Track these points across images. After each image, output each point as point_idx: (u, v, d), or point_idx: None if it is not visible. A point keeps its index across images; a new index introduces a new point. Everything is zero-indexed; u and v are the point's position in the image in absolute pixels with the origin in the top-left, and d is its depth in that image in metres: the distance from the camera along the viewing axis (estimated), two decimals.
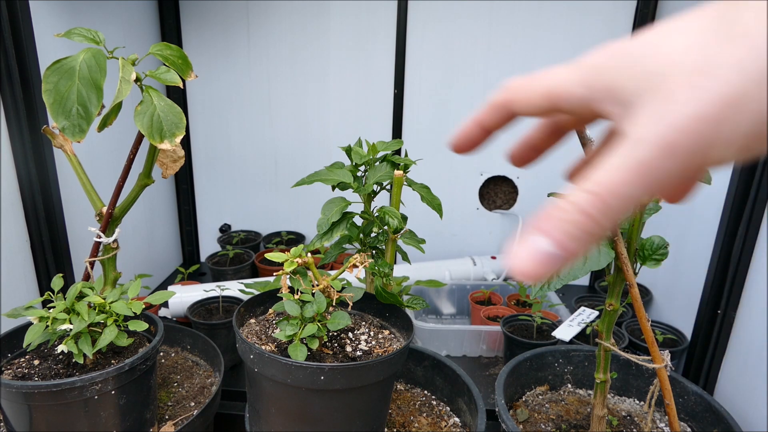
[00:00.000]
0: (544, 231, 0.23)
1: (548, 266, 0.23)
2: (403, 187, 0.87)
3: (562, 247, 0.23)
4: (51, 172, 1.05)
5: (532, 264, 0.23)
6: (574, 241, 0.22)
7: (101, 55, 0.72)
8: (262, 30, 1.60)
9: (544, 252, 0.23)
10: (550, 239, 0.23)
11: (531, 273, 0.23)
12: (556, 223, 0.23)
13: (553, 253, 0.23)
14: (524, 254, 0.23)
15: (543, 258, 0.23)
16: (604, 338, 0.80)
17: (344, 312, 0.76)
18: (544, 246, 0.23)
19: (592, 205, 0.22)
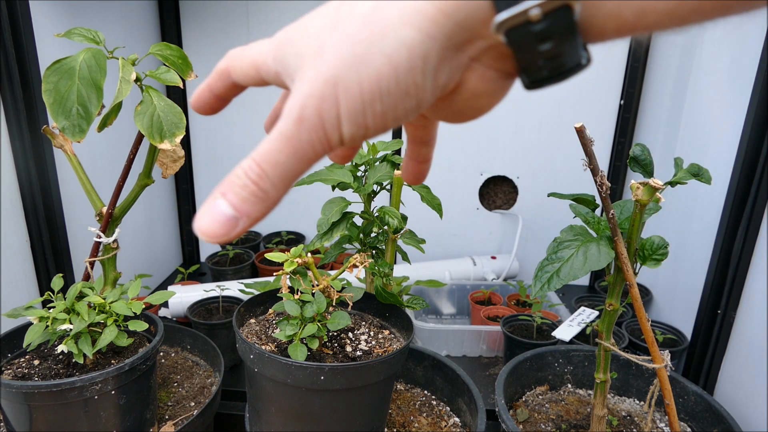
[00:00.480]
0: (222, 193, 0.25)
1: (227, 227, 0.25)
2: (403, 187, 0.87)
3: (237, 208, 0.25)
4: (51, 172, 1.05)
5: (213, 224, 0.25)
6: (246, 204, 0.25)
7: (101, 55, 0.72)
8: (262, 30, 1.60)
9: (223, 213, 0.25)
10: (227, 201, 0.25)
11: (211, 233, 0.25)
12: (231, 187, 0.25)
13: (231, 214, 0.25)
14: (207, 216, 0.25)
15: (222, 218, 0.25)
16: (604, 338, 0.80)
17: (344, 312, 0.76)
18: (223, 208, 0.25)
19: (253, 171, 0.25)
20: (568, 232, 0.73)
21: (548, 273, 0.70)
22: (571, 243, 0.71)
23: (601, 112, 1.58)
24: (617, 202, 0.71)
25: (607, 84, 1.56)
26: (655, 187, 0.67)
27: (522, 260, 1.74)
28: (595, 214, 0.77)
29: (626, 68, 1.52)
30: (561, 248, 0.71)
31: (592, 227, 0.75)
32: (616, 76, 1.54)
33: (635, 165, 0.72)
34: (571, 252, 0.70)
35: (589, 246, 0.70)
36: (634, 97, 1.52)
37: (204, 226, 0.25)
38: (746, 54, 1.10)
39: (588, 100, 1.58)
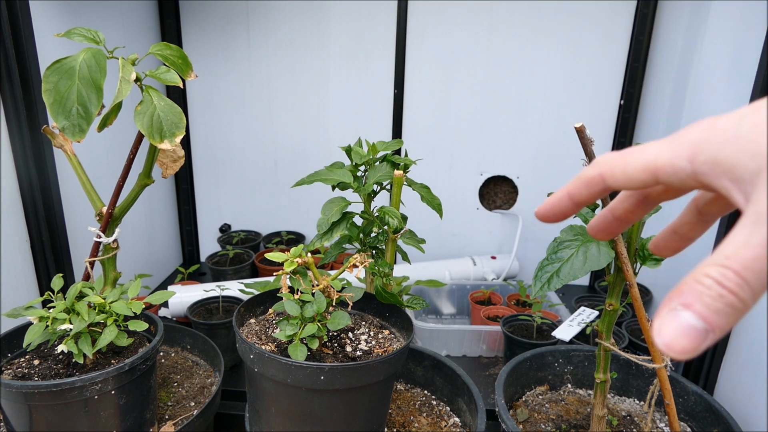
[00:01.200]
0: (688, 305, 0.23)
1: (697, 342, 0.23)
2: (403, 187, 0.87)
3: (707, 321, 0.22)
4: (51, 172, 1.05)
5: (682, 339, 0.23)
6: (719, 316, 0.22)
7: (101, 55, 0.72)
8: (262, 29, 1.60)
9: (691, 326, 0.23)
10: (695, 313, 0.23)
11: (681, 349, 0.23)
12: (698, 297, 0.23)
13: (700, 327, 0.23)
14: (672, 330, 0.23)
15: (691, 332, 0.23)
16: (604, 338, 0.80)
17: (344, 312, 0.76)
18: (690, 320, 0.23)
19: (730, 279, 0.22)
20: (568, 232, 0.73)
21: (548, 273, 0.70)
22: (571, 243, 0.71)
23: (601, 112, 1.58)
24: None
25: (607, 84, 1.56)
26: None
27: (522, 260, 1.74)
28: (595, 214, 0.77)
29: (626, 68, 1.52)
30: (561, 248, 0.71)
31: None
32: (616, 76, 1.54)
33: None
34: (571, 252, 0.70)
35: (589, 246, 0.70)
36: (634, 97, 1.52)
37: (671, 341, 0.23)
38: (746, 54, 1.10)
39: (588, 100, 1.58)
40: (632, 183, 0.29)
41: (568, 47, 1.54)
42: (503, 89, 1.59)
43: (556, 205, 0.33)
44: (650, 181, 0.28)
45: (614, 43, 1.52)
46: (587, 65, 1.55)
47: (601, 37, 1.52)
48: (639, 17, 1.46)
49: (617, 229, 0.36)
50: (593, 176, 0.31)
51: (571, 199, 0.33)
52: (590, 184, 0.31)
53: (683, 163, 0.26)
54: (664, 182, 0.28)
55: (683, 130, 0.27)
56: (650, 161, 0.28)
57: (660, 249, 0.37)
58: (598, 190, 0.31)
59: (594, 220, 0.37)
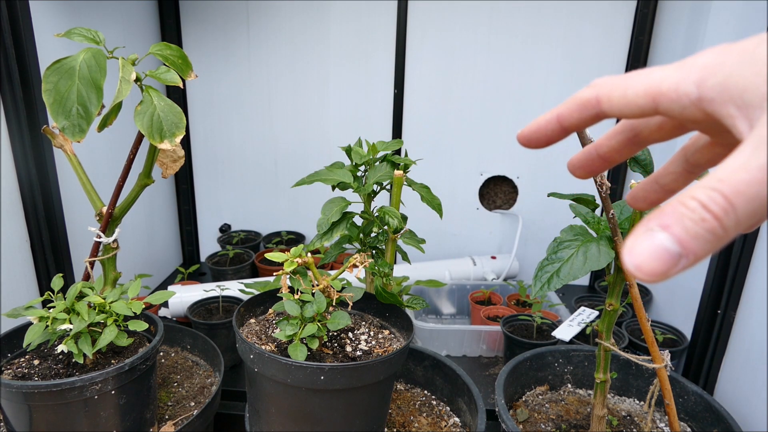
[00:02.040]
0: (665, 226, 0.21)
1: (668, 265, 0.21)
2: (403, 187, 0.87)
3: (683, 245, 0.21)
4: (51, 172, 1.05)
5: (652, 261, 0.21)
6: (697, 241, 0.21)
7: (101, 55, 0.72)
8: (262, 30, 1.60)
9: (665, 249, 0.21)
10: (672, 236, 0.21)
11: (650, 270, 0.21)
12: (678, 219, 0.21)
13: (675, 251, 0.21)
14: (643, 249, 0.22)
15: (664, 255, 0.21)
16: (604, 338, 0.80)
17: (344, 312, 0.76)
18: (665, 242, 0.21)
19: (717, 203, 0.21)
20: (568, 232, 0.73)
21: (548, 273, 0.70)
22: (571, 243, 0.71)
23: None
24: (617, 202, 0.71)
25: None
26: None
27: (522, 260, 1.74)
28: (595, 214, 0.77)
29: (626, 68, 1.52)
30: (561, 248, 0.71)
31: (592, 227, 0.75)
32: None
33: (635, 165, 0.72)
34: (571, 252, 0.70)
35: (589, 246, 0.70)
36: None
37: (640, 261, 0.21)
38: None
39: None
40: (630, 108, 0.27)
41: (568, 47, 1.54)
42: (503, 89, 1.59)
43: (542, 128, 0.31)
44: (649, 107, 0.26)
45: (614, 43, 1.52)
46: (587, 65, 1.55)
47: (601, 37, 1.52)
48: (639, 17, 1.47)
49: (599, 168, 0.34)
50: (588, 98, 0.29)
51: (560, 122, 0.30)
52: (584, 106, 0.29)
53: (690, 87, 0.24)
54: (664, 110, 0.26)
55: (694, 55, 0.25)
56: (654, 84, 0.26)
57: (637, 200, 0.35)
58: (591, 115, 0.29)
59: (576, 156, 0.34)
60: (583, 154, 0.34)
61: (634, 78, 0.27)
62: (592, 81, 0.29)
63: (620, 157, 0.33)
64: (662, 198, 0.34)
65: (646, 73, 0.26)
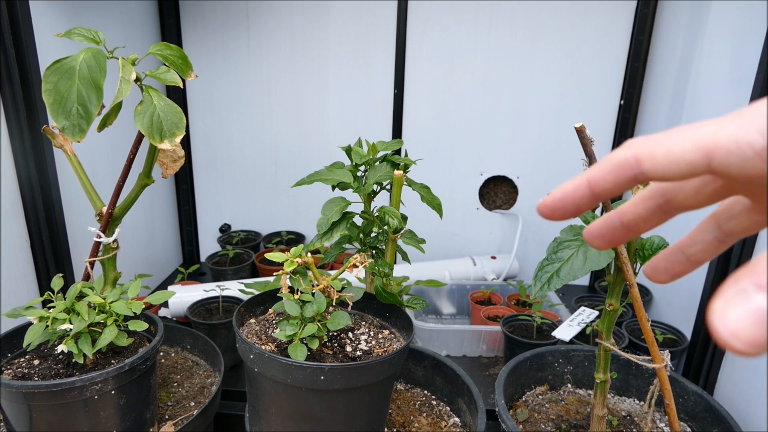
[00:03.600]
0: (762, 286, 0.19)
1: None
2: (403, 187, 0.87)
3: None
4: (51, 172, 1.05)
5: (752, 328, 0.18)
6: None
7: (101, 55, 0.72)
8: (262, 30, 1.60)
9: (765, 312, 0.18)
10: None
11: (750, 339, 0.18)
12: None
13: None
14: (739, 315, 0.19)
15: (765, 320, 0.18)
16: (604, 338, 0.80)
17: (344, 312, 0.76)
18: (764, 304, 0.18)
19: None
20: (568, 232, 0.73)
21: (548, 273, 0.70)
22: (571, 243, 0.71)
23: (601, 112, 1.58)
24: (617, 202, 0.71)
25: (607, 84, 1.56)
26: None
27: (522, 260, 1.74)
28: (595, 214, 0.77)
29: (626, 68, 1.52)
30: (561, 248, 0.71)
31: None
32: (616, 76, 1.54)
33: None
34: (571, 252, 0.70)
35: (589, 246, 0.70)
36: (634, 97, 1.52)
37: (738, 329, 0.18)
38: (746, 54, 1.10)
39: (588, 100, 1.58)
40: (677, 166, 0.23)
41: (568, 47, 1.54)
42: (503, 89, 1.59)
43: (569, 195, 0.26)
44: (701, 164, 0.22)
45: (614, 43, 1.52)
46: (587, 65, 1.55)
47: (601, 37, 1.52)
48: (639, 17, 1.47)
49: (621, 239, 0.30)
50: (626, 158, 0.24)
51: (592, 187, 0.26)
52: (620, 168, 0.25)
53: (754, 136, 0.21)
54: (719, 165, 0.22)
55: (746, 106, 0.22)
56: (707, 137, 0.22)
57: (658, 272, 0.32)
58: (629, 177, 0.25)
59: (596, 224, 0.30)
60: (604, 222, 0.30)
61: (679, 133, 0.23)
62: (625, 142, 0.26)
63: (646, 227, 0.29)
64: (687, 270, 0.31)
65: (692, 127, 0.23)
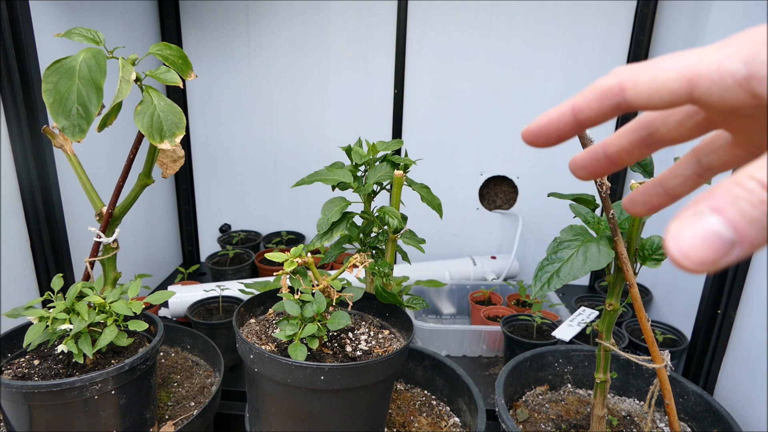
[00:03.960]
0: (718, 209, 0.19)
1: (719, 253, 0.19)
2: (403, 187, 0.87)
3: (738, 231, 0.18)
4: (51, 172, 1.05)
5: (701, 248, 0.19)
6: (755, 226, 0.18)
7: (101, 55, 0.72)
8: (262, 30, 1.60)
9: (717, 234, 0.19)
10: (725, 220, 0.18)
11: (699, 259, 0.19)
12: (733, 201, 0.18)
13: (728, 237, 0.18)
14: (691, 235, 0.19)
15: (715, 242, 0.19)
16: (604, 338, 0.80)
17: (344, 312, 0.76)
18: (717, 227, 0.19)
19: None
20: (568, 232, 0.73)
21: (548, 273, 0.70)
22: (571, 243, 0.71)
23: None
24: (617, 202, 0.71)
25: None
26: None
27: (522, 260, 1.74)
28: (595, 214, 0.77)
29: None
30: (561, 248, 0.71)
31: (592, 227, 0.75)
32: None
33: (635, 165, 0.72)
34: (571, 252, 0.70)
35: (589, 246, 0.70)
36: None
37: (687, 248, 0.19)
38: None
39: None
40: (659, 95, 0.23)
41: (568, 47, 1.54)
42: (503, 89, 1.59)
43: (553, 121, 0.27)
44: (683, 92, 0.22)
45: (614, 43, 1.52)
46: (587, 65, 1.55)
47: (601, 37, 1.52)
48: (639, 17, 1.47)
49: (604, 170, 0.30)
50: (610, 86, 0.25)
51: (575, 114, 0.26)
52: (604, 95, 0.25)
53: (736, 65, 0.21)
54: (701, 94, 0.22)
55: (733, 35, 0.22)
56: (691, 65, 0.22)
57: (636, 204, 0.32)
58: (612, 105, 0.25)
59: (580, 155, 0.31)
60: (588, 153, 0.31)
61: (664, 61, 0.23)
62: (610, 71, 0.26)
63: (630, 159, 0.30)
64: (665, 203, 0.31)
65: (678, 55, 0.23)
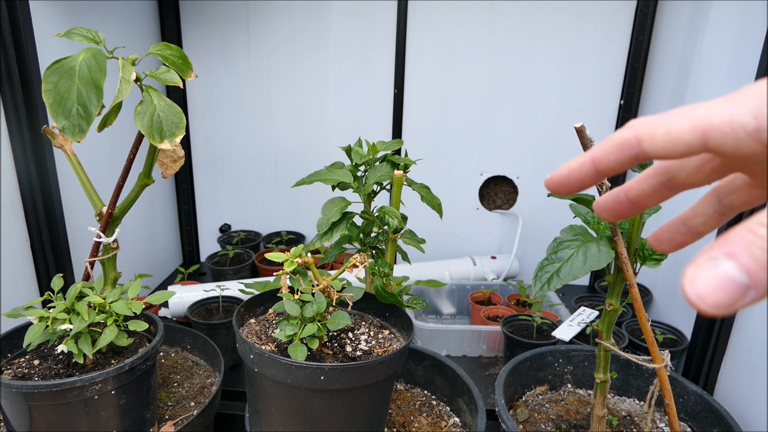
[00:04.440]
0: (731, 254, 0.20)
1: (734, 297, 0.20)
2: (403, 187, 0.87)
3: (752, 276, 0.20)
4: (51, 172, 1.05)
5: (717, 292, 0.20)
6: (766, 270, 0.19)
7: (101, 55, 0.72)
8: (262, 30, 1.60)
9: (731, 279, 0.20)
10: (739, 265, 0.20)
11: (714, 302, 0.20)
12: (746, 247, 0.20)
13: (742, 282, 0.20)
14: (707, 279, 0.20)
15: (729, 286, 0.20)
16: (604, 338, 0.80)
17: (344, 312, 0.76)
18: (731, 272, 0.20)
19: None
20: (568, 232, 0.73)
21: (548, 273, 0.70)
22: (571, 243, 0.71)
23: (601, 112, 1.58)
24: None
25: (607, 84, 1.56)
26: None
27: (522, 260, 1.74)
28: (595, 214, 0.77)
29: (626, 68, 1.52)
30: (561, 248, 0.71)
31: (592, 227, 0.75)
32: (616, 76, 1.54)
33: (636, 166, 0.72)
34: (571, 252, 0.70)
35: (589, 246, 0.70)
36: (634, 97, 1.52)
37: (703, 292, 0.20)
38: (746, 53, 1.10)
39: (588, 100, 1.58)
40: (674, 146, 0.24)
41: (568, 47, 1.54)
42: (503, 89, 1.59)
43: (574, 172, 0.28)
44: (697, 144, 0.24)
45: (614, 43, 1.52)
46: (587, 65, 1.55)
47: (601, 37, 1.52)
48: (639, 17, 1.47)
49: (627, 213, 0.32)
50: (627, 138, 0.26)
51: (595, 165, 0.27)
52: (622, 147, 0.26)
53: (746, 118, 0.22)
54: (715, 145, 0.23)
55: (741, 89, 0.23)
56: (703, 118, 0.23)
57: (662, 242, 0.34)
58: (630, 156, 0.26)
59: (603, 198, 0.33)
60: (611, 196, 0.32)
61: (677, 114, 0.25)
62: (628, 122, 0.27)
63: (651, 203, 0.32)
64: (689, 241, 0.33)
65: (689, 109, 0.24)
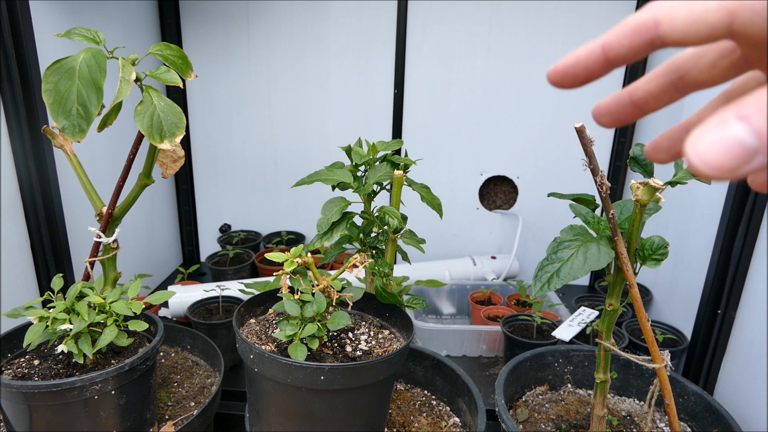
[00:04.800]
0: (744, 116, 0.18)
1: (739, 161, 0.18)
2: (403, 187, 0.87)
3: (761, 138, 0.18)
4: (51, 172, 1.05)
5: (720, 154, 0.18)
6: None
7: (101, 55, 0.72)
8: (262, 30, 1.60)
9: (739, 141, 0.18)
10: (750, 127, 0.18)
11: (717, 164, 0.18)
12: (761, 109, 0.18)
13: (750, 144, 0.18)
14: (712, 141, 0.18)
15: (735, 149, 0.18)
16: (604, 338, 0.80)
17: (344, 312, 0.76)
18: (740, 134, 0.18)
19: None
20: (568, 232, 0.73)
21: (548, 273, 0.70)
22: (571, 243, 0.71)
23: None
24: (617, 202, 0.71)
25: (607, 84, 1.56)
26: (655, 187, 0.67)
27: (522, 260, 1.74)
28: (595, 214, 0.77)
29: (626, 68, 1.52)
30: (561, 248, 0.71)
31: (592, 227, 0.75)
32: (616, 75, 1.54)
33: (635, 165, 0.72)
34: (571, 252, 0.70)
35: (589, 246, 0.70)
36: None
37: (707, 154, 0.18)
38: None
39: (588, 100, 1.58)
40: (696, 29, 0.22)
41: (568, 47, 1.54)
42: (503, 89, 1.59)
43: (581, 60, 0.26)
44: (722, 26, 0.21)
45: None
46: None
47: None
48: None
49: (629, 117, 0.29)
50: (644, 20, 0.23)
51: (606, 51, 0.25)
52: (637, 30, 0.23)
53: None
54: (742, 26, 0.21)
55: None
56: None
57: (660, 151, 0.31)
58: (645, 41, 0.23)
59: (604, 101, 0.30)
60: (613, 98, 0.29)
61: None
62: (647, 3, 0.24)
63: (657, 105, 0.29)
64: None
65: None
